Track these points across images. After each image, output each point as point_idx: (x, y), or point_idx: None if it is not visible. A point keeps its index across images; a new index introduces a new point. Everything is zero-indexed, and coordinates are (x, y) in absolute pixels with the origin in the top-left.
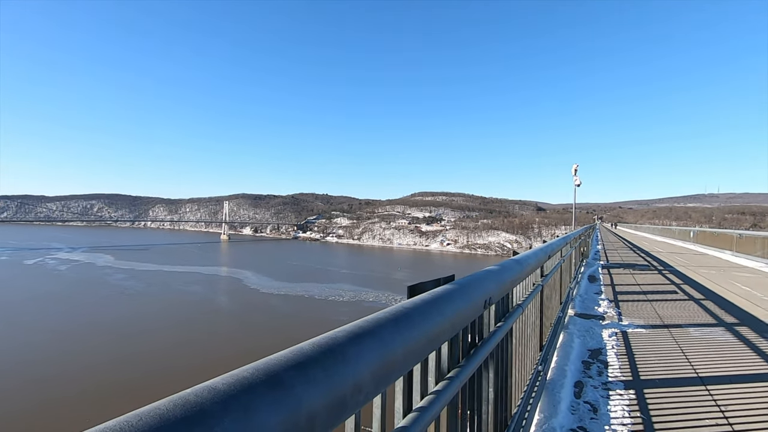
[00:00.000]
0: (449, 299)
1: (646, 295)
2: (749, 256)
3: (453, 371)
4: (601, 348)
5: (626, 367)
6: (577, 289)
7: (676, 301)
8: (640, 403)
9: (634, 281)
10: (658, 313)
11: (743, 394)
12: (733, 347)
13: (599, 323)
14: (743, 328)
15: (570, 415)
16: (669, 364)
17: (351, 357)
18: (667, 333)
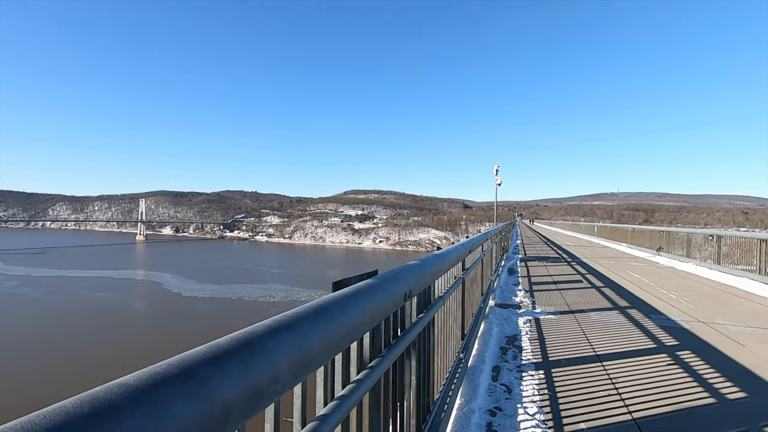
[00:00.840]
0: (369, 293)
1: (556, 285)
2: (640, 247)
3: (374, 361)
4: (517, 335)
5: (537, 350)
6: (498, 281)
7: (581, 289)
8: (548, 382)
9: (547, 272)
10: (566, 300)
11: (630, 366)
12: (624, 327)
13: (516, 312)
14: (633, 310)
15: (488, 397)
16: (573, 345)
17: (269, 349)
18: (573, 318)
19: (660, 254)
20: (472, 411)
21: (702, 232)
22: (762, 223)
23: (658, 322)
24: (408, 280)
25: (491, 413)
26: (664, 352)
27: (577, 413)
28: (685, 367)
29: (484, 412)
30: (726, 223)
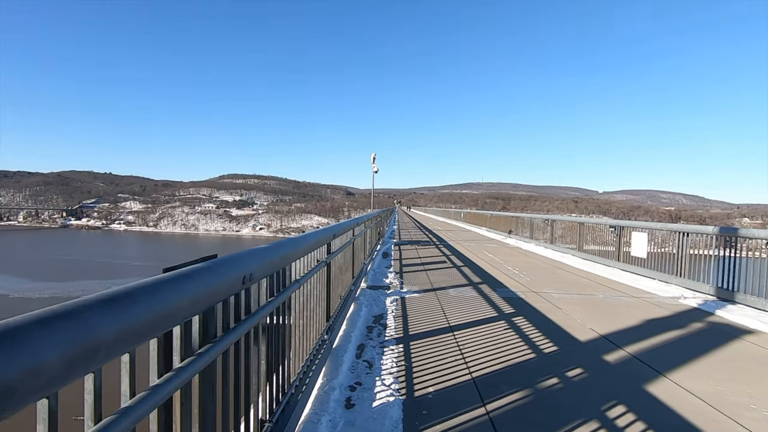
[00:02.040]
0: (192, 277)
1: (424, 266)
2: (496, 231)
3: (205, 347)
4: (384, 313)
5: (400, 327)
6: (372, 265)
7: (445, 269)
8: (406, 354)
9: (417, 255)
10: (431, 279)
11: (475, 334)
12: (475, 301)
13: (385, 292)
14: (484, 285)
15: (350, 373)
16: (431, 319)
17: (31, 341)
18: (434, 295)
19: (510, 236)
20: (333, 388)
21: (540, 217)
22: (587, 210)
23: (501, 294)
24: (249, 263)
25: (351, 388)
26: (503, 319)
27: (428, 380)
28: (517, 330)
29: (345, 388)
30: (562, 210)
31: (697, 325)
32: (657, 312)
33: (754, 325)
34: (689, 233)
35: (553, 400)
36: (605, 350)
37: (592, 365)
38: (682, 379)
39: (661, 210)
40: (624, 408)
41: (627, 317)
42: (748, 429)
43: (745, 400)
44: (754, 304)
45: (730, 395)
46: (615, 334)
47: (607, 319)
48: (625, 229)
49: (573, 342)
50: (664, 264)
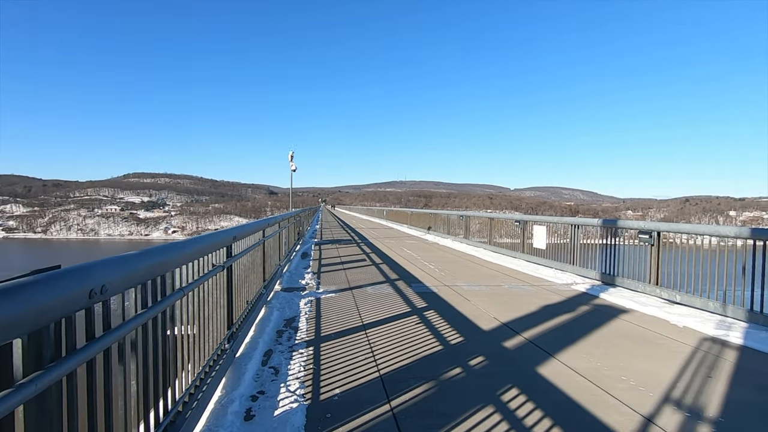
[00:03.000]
0: (10, 294)
1: (343, 265)
2: (417, 227)
3: (32, 375)
4: (296, 316)
5: (312, 328)
6: (289, 266)
7: (364, 267)
8: (316, 356)
9: (338, 254)
10: (349, 278)
11: (387, 330)
12: (390, 297)
13: (300, 294)
14: (400, 281)
15: (253, 382)
16: (346, 319)
17: None
18: (351, 294)
19: (430, 233)
20: (232, 400)
21: (456, 213)
22: (500, 206)
23: (416, 289)
24: (101, 274)
25: (253, 398)
26: (416, 314)
27: (336, 381)
28: (427, 324)
29: (246, 399)
30: (479, 206)
31: (584, 308)
32: (552, 298)
33: (628, 304)
34: (579, 225)
35: (455, 390)
36: (505, 337)
37: (493, 352)
38: (569, 358)
39: (563, 205)
40: (517, 391)
41: (527, 305)
42: (617, 398)
43: (617, 373)
44: (629, 286)
45: (606, 370)
46: (515, 322)
47: (510, 308)
48: (528, 223)
49: (478, 331)
50: (560, 254)
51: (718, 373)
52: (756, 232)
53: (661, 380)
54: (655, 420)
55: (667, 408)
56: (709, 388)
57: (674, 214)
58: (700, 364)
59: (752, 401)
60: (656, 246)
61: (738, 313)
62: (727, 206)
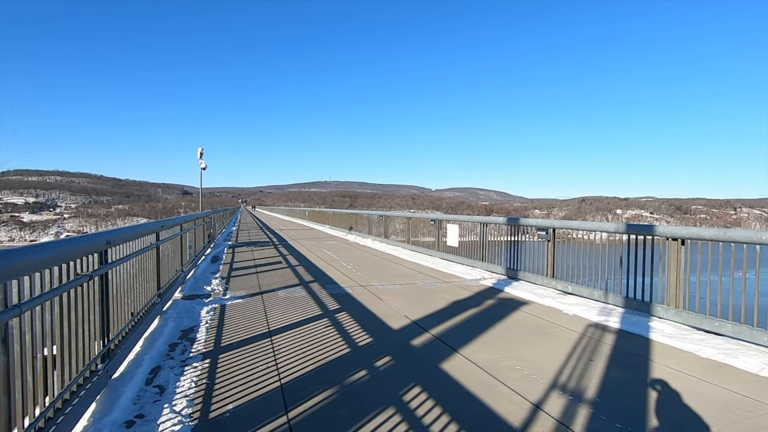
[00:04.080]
0: None
1: (256, 268)
2: (338, 228)
3: None
4: (195, 326)
5: (212, 339)
6: (195, 272)
7: (279, 269)
8: (211, 370)
9: (252, 257)
10: (261, 282)
11: (295, 335)
12: (303, 300)
13: (203, 301)
14: (315, 283)
15: (132, 405)
16: (251, 326)
17: None
18: (260, 299)
19: (351, 233)
20: (99, 430)
21: (377, 213)
22: (423, 205)
23: (330, 291)
24: None
25: (128, 424)
26: (327, 316)
27: (230, 396)
28: (337, 326)
29: (119, 426)
30: (402, 206)
31: (489, 302)
32: (462, 294)
33: (528, 296)
34: (487, 223)
35: (358, 394)
36: (414, 335)
37: (400, 351)
38: (471, 352)
39: (479, 204)
40: (419, 389)
41: (438, 301)
42: (511, 388)
43: (513, 363)
44: (530, 279)
45: (504, 360)
46: (425, 319)
47: (421, 305)
48: (442, 223)
49: (387, 331)
50: (472, 251)
51: (598, 356)
52: (630, 228)
53: (550, 367)
54: (542, 406)
55: (553, 393)
56: (590, 371)
57: (573, 212)
58: (584, 349)
59: (622, 379)
60: (552, 241)
61: (617, 300)
62: (614, 205)
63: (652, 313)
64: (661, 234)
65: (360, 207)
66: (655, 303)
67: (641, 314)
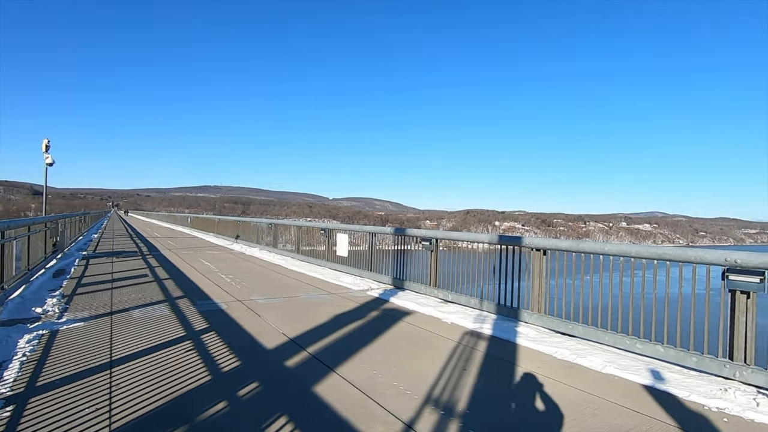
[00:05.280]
0: None
1: (113, 283)
2: (224, 236)
3: None
4: (5, 361)
5: (26, 377)
6: (25, 289)
7: (143, 284)
8: (14, 418)
9: (111, 270)
10: (115, 300)
11: (143, 365)
12: (163, 320)
13: (26, 327)
14: (183, 299)
15: None
16: (88, 356)
17: None
18: (108, 321)
19: (238, 241)
20: None
21: (265, 221)
22: (319, 214)
23: (201, 308)
24: None
25: None
26: (190, 338)
27: None
28: (201, 350)
29: None
30: (298, 214)
31: (374, 314)
32: (346, 306)
33: (411, 306)
34: (376, 233)
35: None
36: (289, 355)
37: (271, 375)
38: (348, 370)
39: (375, 214)
40: (286, 419)
41: (320, 315)
42: (385, 407)
43: (390, 379)
44: (415, 288)
45: (381, 377)
46: (304, 335)
47: (302, 320)
48: (333, 232)
49: (260, 352)
50: (361, 261)
51: (471, 364)
52: (502, 239)
53: (426, 380)
54: (414, 425)
55: (426, 409)
56: (463, 380)
57: (459, 224)
58: (459, 358)
59: (491, 386)
60: (435, 251)
61: (491, 307)
62: (494, 217)
63: (520, 319)
64: (527, 245)
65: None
66: (522, 309)
67: (511, 320)
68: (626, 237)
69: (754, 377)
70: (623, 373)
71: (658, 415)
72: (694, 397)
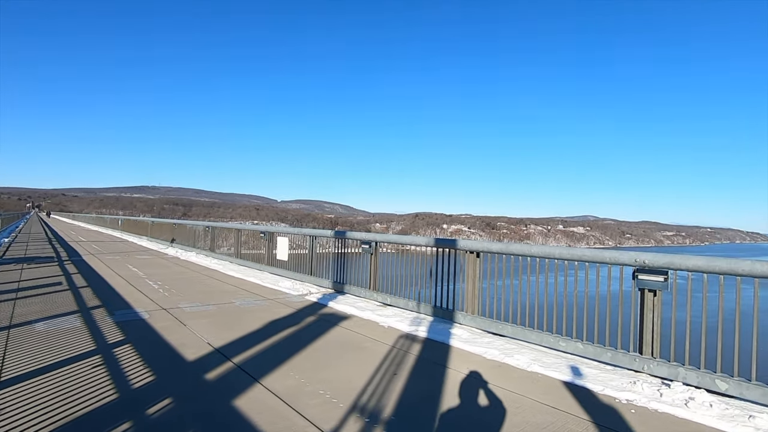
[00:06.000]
0: None
1: (18, 293)
2: (158, 240)
3: None
4: None
5: None
6: None
7: (55, 293)
8: None
9: (19, 278)
10: (16, 312)
11: (39, 383)
12: (72, 333)
13: None
14: (99, 309)
15: None
16: None
17: None
18: (3, 336)
19: (173, 246)
20: None
21: (202, 224)
22: (267, 216)
23: (120, 318)
24: None
25: None
26: (100, 353)
27: None
28: (112, 365)
29: None
30: (245, 216)
31: (310, 319)
32: (283, 312)
33: (350, 310)
34: (316, 236)
35: None
36: (212, 367)
37: (187, 390)
38: (274, 380)
39: (325, 217)
40: None
41: (254, 322)
42: (307, 418)
43: (317, 387)
44: (355, 292)
45: (309, 385)
46: (232, 345)
47: (233, 329)
48: (273, 235)
49: (178, 365)
50: (301, 265)
51: (402, 369)
52: (438, 242)
53: (355, 386)
54: None
55: (351, 418)
56: (393, 385)
57: (408, 227)
58: (392, 363)
59: (421, 389)
60: (374, 254)
61: (427, 309)
62: (442, 220)
63: (455, 320)
64: (462, 248)
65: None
66: (457, 311)
67: (446, 322)
68: (563, 239)
69: (659, 369)
70: (546, 370)
71: (575, 410)
72: (607, 390)
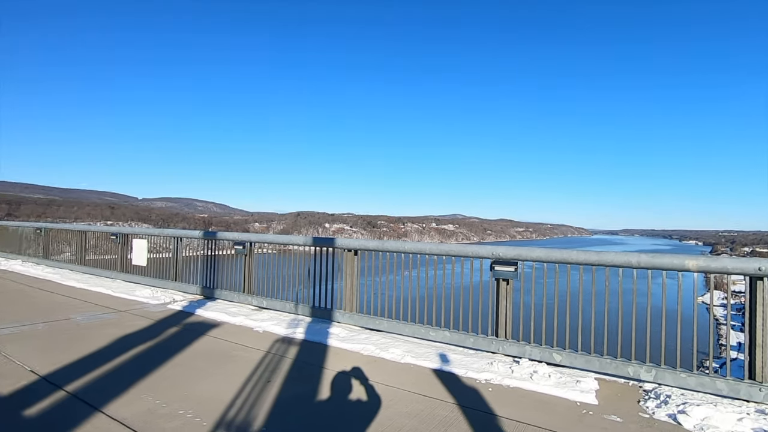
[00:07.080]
0: None
1: None
2: None
3: None
4: None
5: None
6: None
7: None
8: None
9: None
10: None
11: None
12: None
13: None
14: None
15: None
16: None
17: None
18: None
19: None
20: None
21: (32, 225)
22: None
23: None
24: None
25: None
26: None
27: None
28: None
29: None
30: (96, 217)
31: (172, 330)
32: (139, 324)
33: (220, 317)
34: (182, 238)
35: None
36: (36, 399)
37: None
38: (121, 405)
39: (197, 217)
40: None
41: (99, 339)
42: None
43: (177, 407)
44: (227, 297)
45: (165, 407)
46: (66, 369)
47: (69, 350)
48: (128, 237)
49: None
50: (163, 270)
51: (277, 375)
52: (316, 241)
53: (223, 400)
54: None
55: None
56: (266, 394)
57: (290, 226)
58: (265, 370)
59: (296, 394)
60: (249, 255)
61: (305, 310)
62: (324, 219)
63: (333, 319)
64: (340, 246)
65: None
66: (335, 309)
67: (325, 321)
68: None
69: (511, 349)
70: (418, 360)
71: (443, 395)
72: (470, 373)
